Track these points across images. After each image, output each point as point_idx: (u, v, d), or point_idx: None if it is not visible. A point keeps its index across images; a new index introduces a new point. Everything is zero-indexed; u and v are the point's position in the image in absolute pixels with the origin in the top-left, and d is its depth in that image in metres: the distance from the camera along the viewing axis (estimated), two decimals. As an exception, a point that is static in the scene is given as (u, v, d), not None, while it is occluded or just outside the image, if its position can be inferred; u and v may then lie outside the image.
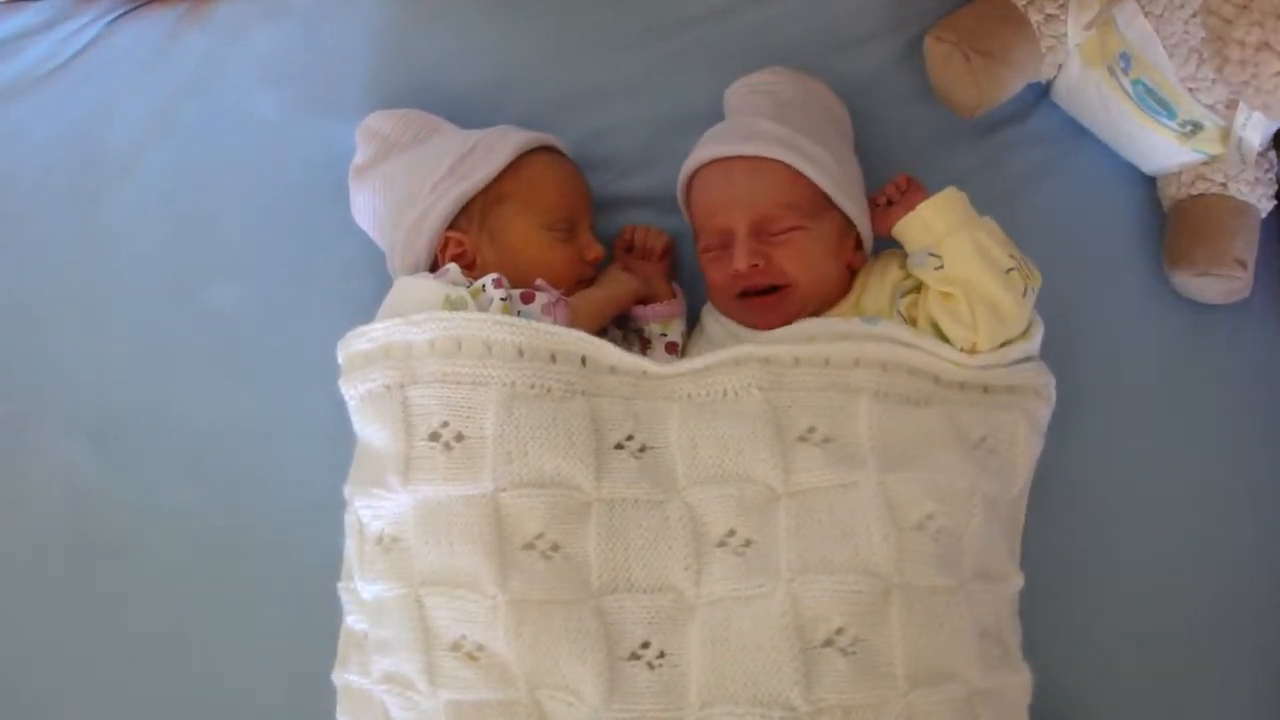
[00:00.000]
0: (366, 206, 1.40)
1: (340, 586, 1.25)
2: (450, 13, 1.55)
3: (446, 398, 1.15)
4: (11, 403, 1.52)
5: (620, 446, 1.17)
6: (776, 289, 1.28)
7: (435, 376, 1.16)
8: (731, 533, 1.15)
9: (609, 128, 1.50)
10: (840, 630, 1.11)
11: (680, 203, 1.39)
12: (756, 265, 1.26)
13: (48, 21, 1.63)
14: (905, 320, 1.27)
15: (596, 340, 1.20)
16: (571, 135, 1.44)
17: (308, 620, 1.32)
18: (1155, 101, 1.34)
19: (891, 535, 1.13)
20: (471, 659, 1.12)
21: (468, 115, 1.44)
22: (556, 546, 1.13)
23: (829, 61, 1.47)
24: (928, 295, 1.25)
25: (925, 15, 1.47)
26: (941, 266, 1.23)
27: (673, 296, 1.40)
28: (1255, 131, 1.31)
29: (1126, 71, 1.34)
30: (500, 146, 1.33)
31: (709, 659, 1.11)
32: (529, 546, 1.13)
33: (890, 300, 1.29)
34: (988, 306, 1.21)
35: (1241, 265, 1.37)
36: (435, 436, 1.15)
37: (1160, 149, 1.39)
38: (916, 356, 1.22)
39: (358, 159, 1.42)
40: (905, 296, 1.29)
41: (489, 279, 1.21)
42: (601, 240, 1.38)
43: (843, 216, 1.31)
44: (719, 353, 1.21)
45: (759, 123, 1.32)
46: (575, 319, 1.22)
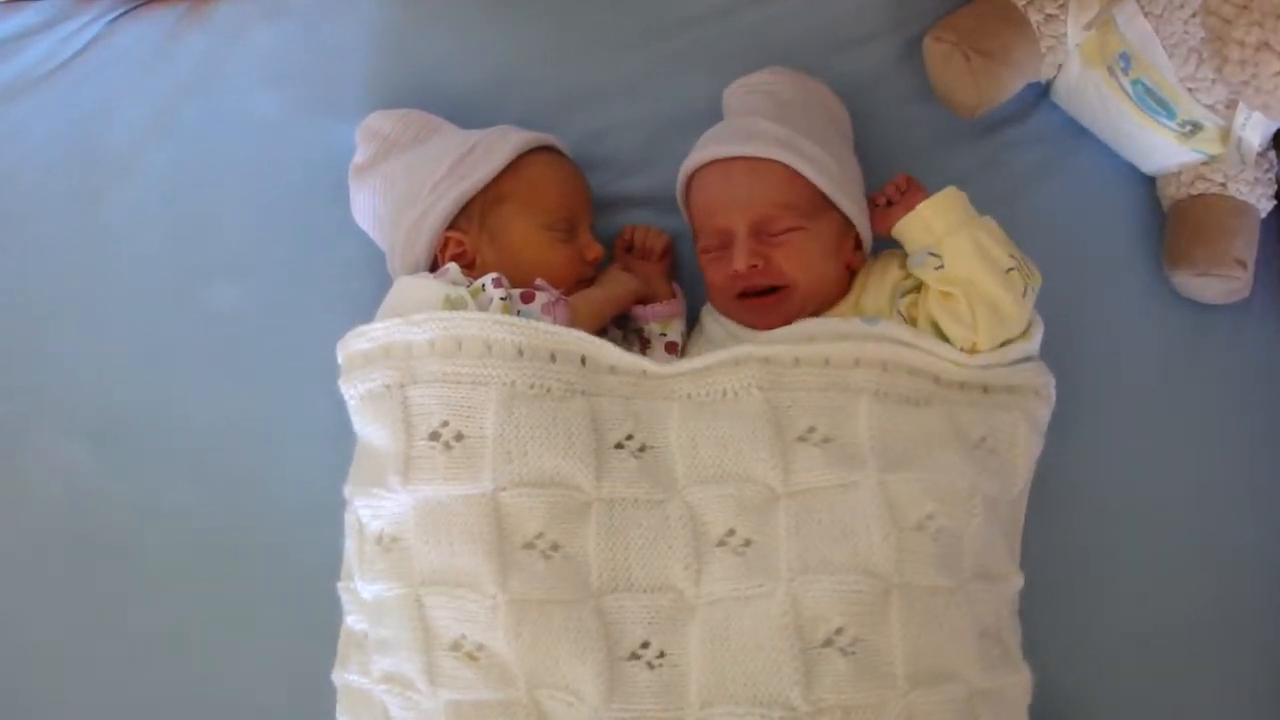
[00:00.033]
0: (366, 206, 1.40)
1: (340, 586, 1.25)
2: (450, 13, 1.55)
3: (446, 397, 1.15)
4: (11, 403, 1.52)
5: (620, 446, 1.17)
6: (776, 289, 1.28)
7: (435, 376, 1.16)
8: (731, 532, 1.15)
9: (609, 128, 1.50)
10: (840, 630, 1.11)
11: (679, 203, 1.39)
12: (756, 266, 1.26)
13: (48, 21, 1.63)
14: (905, 320, 1.26)
15: (596, 340, 1.20)
16: (571, 135, 1.44)
17: (308, 620, 1.32)
18: (1155, 101, 1.34)
19: (891, 535, 1.13)
20: (471, 659, 1.12)
21: (468, 115, 1.44)
22: (556, 546, 1.13)
23: (829, 61, 1.47)
24: (928, 295, 1.25)
25: (925, 15, 1.47)
26: (941, 266, 1.23)
27: (672, 296, 1.40)
28: (1255, 131, 1.31)
29: (1126, 71, 1.34)
30: (500, 146, 1.33)
31: (709, 659, 1.11)
32: (529, 546, 1.13)
33: (890, 300, 1.29)
34: (988, 306, 1.21)
35: (1241, 265, 1.37)
36: (435, 436, 1.15)
37: (1160, 149, 1.39)
38: (916, 356, 1.21)
39: (358, 159, 1.42)
40: (905, 296, 1.28)
41: (489, 279, 1.21)
42: (601, 240, 1.38)
43: (842, 216, 1.31)
44: (719, 353, 1.21)
45: (758, 123, 1.32)
46: (575, 319, 1.22)
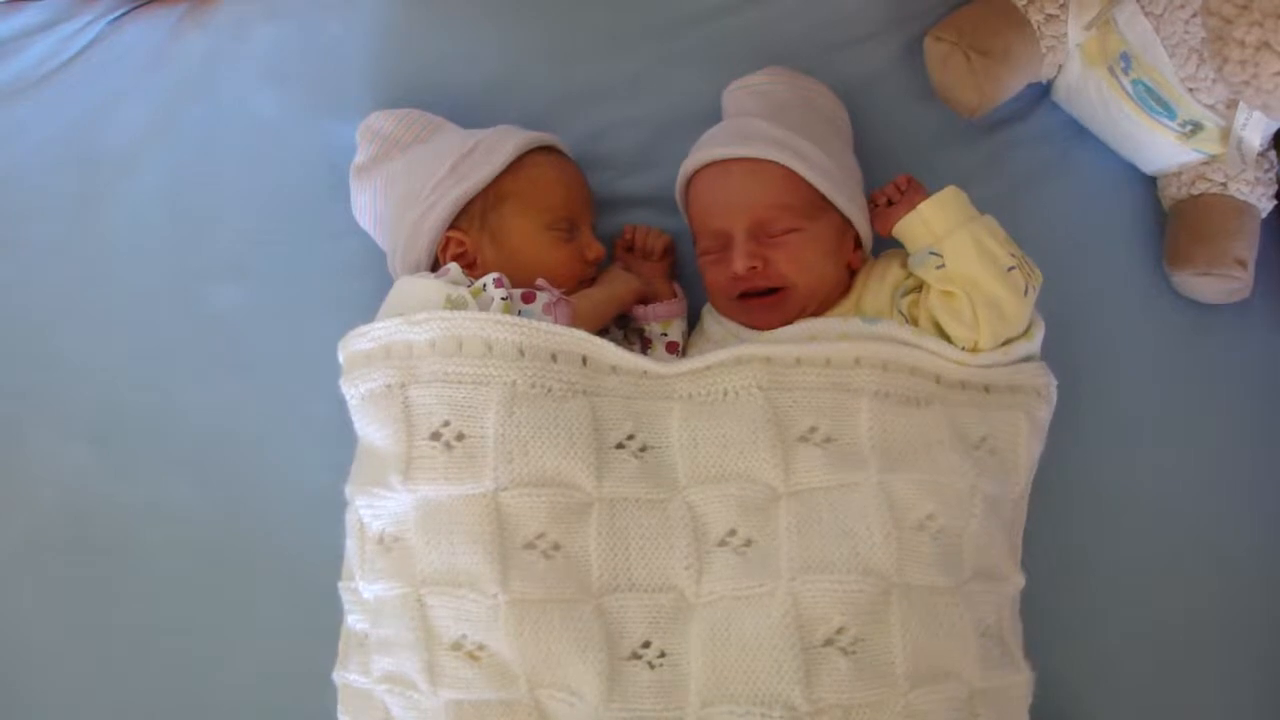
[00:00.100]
0: (367, 206, 1.40)
1: (341, 586, 1.25)
2: (450, 13, 1.54)
3: (448, 397, 1.15)
4: (11, 403, 1.52)
5: (621, 446, 1.17)
6: (775, 290, 1.28)
7: (436, 376, 1.16)
8: (732, 532, 1.15)
9: (609, 128, 1.50)
10: (841, 630, 1.11)
11: (679, 205, 1.39)
12: (755, 267, 1.26)
13: (48, 21, 1.63)
14: (906, 320, 1.26)
15: (597, 340, 1.20)
16: (571, 135, 1.44)
17: (308, 620, 1.33)
18: (1155, 101, 1.34)
19: (892, 535, 1.13)
20: (472, 658, 1.12)
21: (468, 115, 1.43)
22: (557, 546, 1.13)
23: (829, 61, 1.47)
24: (929, 294, 1.25)
25: (925, 15, 1.47)
26: (943, 265, 1.23)
27: (673, 296, 1.40)
28: (1255, 131, 1.31)
29: (1127, 71, 1.34)
30: (501, 146, 1.32)
31: (709, 658, 1.11)
32: (530, 546, 1.13)
33: (891, 300, 1.29)
34: (989, 305, 1.21)
35: (1241, 265, 1.37)
36: (436, 436, 1.15)
37: (1160, 149, 1.39)
38: (918, 356, 1.21)
39: (358, 158, 1.41)
40: (906, 296, 1.28)
41: (490, 278, 1.21)
42: (602, 240, 1.38)
43: (841, 217, 1.31)
44: (720, 352, 1.21)
45: (755, 124, 1.32)
46: (576, 319, 1.22)
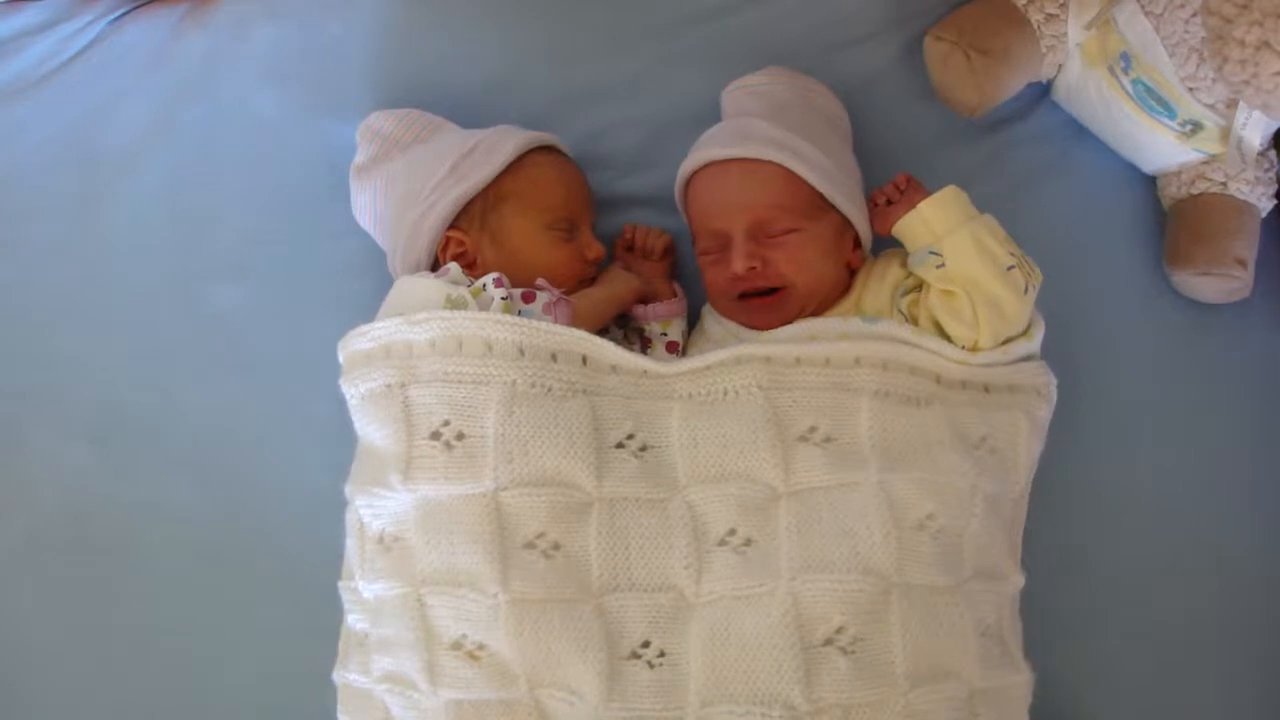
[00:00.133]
0: (367, 206, 1.40)
1: (341, 586, 1.25)
2: (450, 13, 1.54)
3: (448, 397, 1.15)
4: (11, 403, 1.52)
5: (621, 446, 1.17)
6: (775, 290, 1.28)
7: (436, 375, 1.16)
8: (732, 532, 1.15)
9: (609, 128, 1.50)
10: (840, 629, 1.11)
11: (678, 205, 1.39)
12: (754, 268, 1.27)
13: (48, 21, 1.63)
14: (906, 319, 1.26)
15: (597, 339, 1.20)
16: (571, 135, 1.44)
17: (308, 619, 1.33)
18: (1155, 101, 1.34)
19: (892, 535, 1.13)
20: (472, 658, 1.12)
21: (468, 115, 1.43)
22: (557, 545, 1.13)
23: (829, 61, 1.47)
24: (929, 293, 1.25)
25: (925, 14, 1.47)
26: (943, 264, 1.23)
27: (674, 296, 1.40)
28: (1255, 131, 1.31)
29: (1127, 71, 1.34)
30: (501, 146, 1.32)
31: (709, 658, 1.11)
32: (530, 545, 1.13)
33: (891, 299, 1.29)
34: (989, 304, 1.21)
35: (1241, 264, 1.37)
36: (436, 435, 1.15)
37: (1160, 148, 1.39)
38: (918, 355, 1.21)
39: (358, 158, 1.41)
40: (906, 295, 1.28)
41: (490, 278, 1.21)
42: (602, 240, 1.38)
43: (840, 217, 1.31)
44: (720, 352, 1.21)
45: (754, 124, 1.32)
46: (576, 318, 1.22)
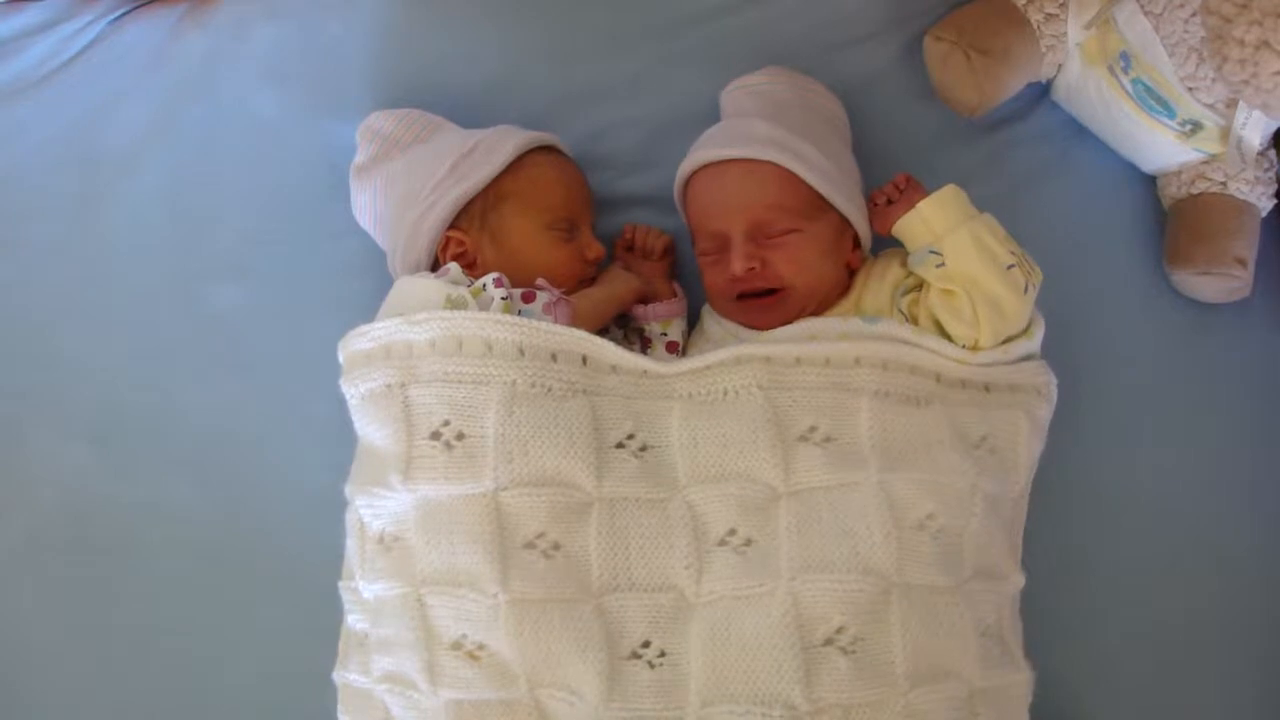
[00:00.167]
0: (367, 206, 1.40)
1: (341, 586, 1.25)
2: (450, 13, 1.54)
3: (448, 397, 1.15)
4: (11, 403, 1.52)
5: (621, 446, 1.17)
6: (774, 291, 1.28)
7: (436, 376, 1.16)
8: (732, 531, 1.15)
9: (609, 128, 1.50)
10: (841, 629, 1.11)
11: (677, 206, 1.39)
12: (753, 269, 1.26)
13: (48, 21, 1.63)
14: (906, 319, 1.26)
15: (597, 339, 1.20)
16: (571, 135, 1.44)
17: (308, 619, 1.33)
18: (1155, 100, 1.34)
19: (892, 535, 1.13)
20: (472, 658, 1.12)
21: (468, 115, 1.43)
22: (557, 545, 1.13)
23: (829, 61, 1.47)
24: (929, 293, 1.25)
25: (925, 14, 1.47)
26: (943, 264, 1.23)
27: (673, 296, 1.40)
28: (1255, 130, 1.31)
29: (1126, 71, 1.34)
30: (501, 146, 1.32)
31: (709, 658, 1.11)
32: (530, 545, 1.13)
33: (891, 299, 1.29)
34: (989, 303, 1.21)
35: (1241, 264, 1.37)
36: (436, 435, 1.15)
37: (1160, 148, 1.39)
38: (918, 355, 1.21)
39: (358, 158, 1.41)
40: (906, 295, 1.28)
41: (490, 278, 1.21)
42: (602, 240, 1.38)
43: (839, 217, 1.31)
44: (720, 352, 1.21)
45: (753, 124, 1.32)
46: (576, 318, 1.22)
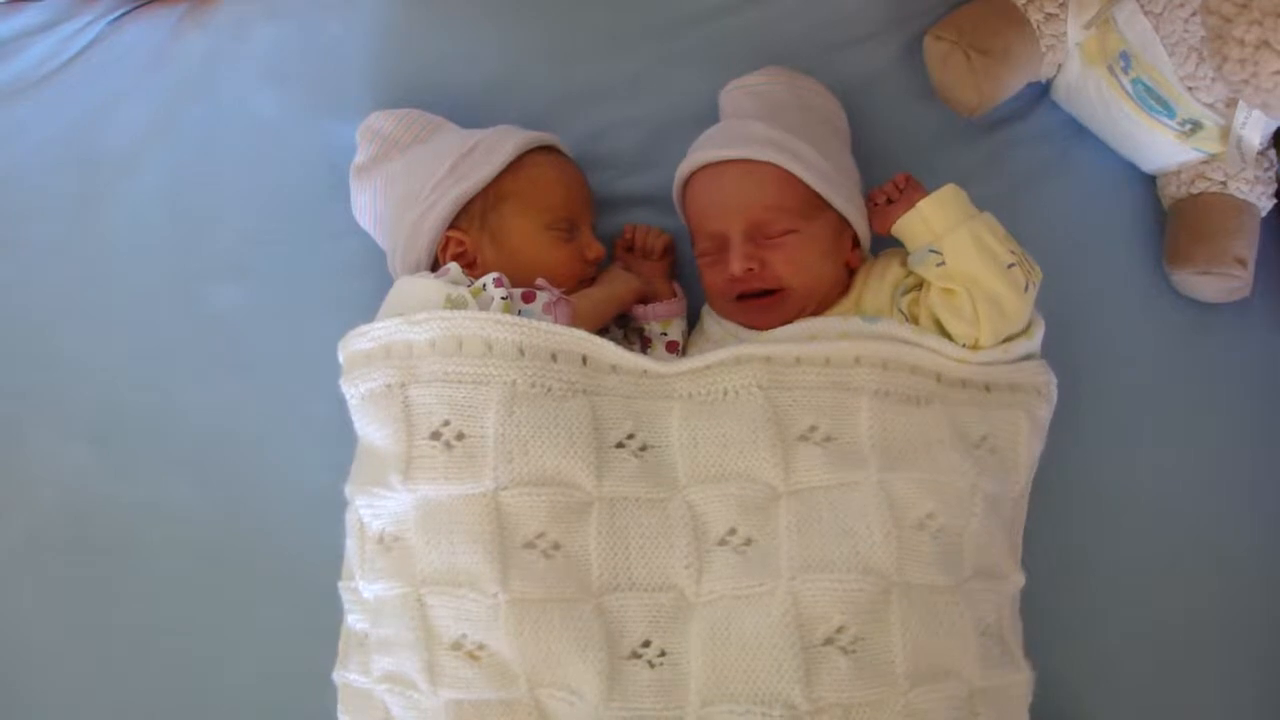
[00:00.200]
0: (367, 206, 1.40)
1: (341, 585, 1.25)
2: (450, 13, 1.54)
3: (448, 397, 1.15)
4: (11, 403, 1.52)
5: (621, 445, 1.17)
6: (773, 292, 1.28)
7: (436, 375, 1.16)
8: (732, 531, 1.15)
9: (609, 128, 1.50)
10: (841, 629, 1.11)
11: (676, 206, 1.39)
12: (752, 269, 1.27)
13: (48, 21, 1.64)
14: (906, 318, 1.26)
15: (597, 339, 1.20)
16: (571, 135, 1.44)
17: (308, 619, 1.32)
18: (1155, 100, 1.34)
19: (892, 534, 1.13)
20: (472, 658, 1.12)
21: (468, 115, 1.43)
22: (557, 545, 1.13)
23: (829, 61, 1.47)
24: (929, 292, 1.25)
25: (925, 14, 1.47)
26: (943, 263, 1.23)
27: (673, 296, 1.40)
28: (1255, 130, 1.31)
29: (1126, 70, 1.34)
30: (501, 146, 1.32)
31: (710, 657, 1.11)
32: (530, 545, 1.13)
33: (891, 298, 1.29)
34: (990, 301, 1.21)
35: (1241, 264, 1.37)
36: (436, 435, 1.15)
37: (1160, 148, 1.39)
38: (918, 354, 1.21)
39: (358, 158, 1.41)
40: (906, 294, 1.28)
41: (490, 278, 1.21)
42: (602, 240, 1.38)
43: (838, 217, 1.31)
44: (720, 351, 1.21)
45: (750, 125, 1.32)
46: (576, 318, 1.22)
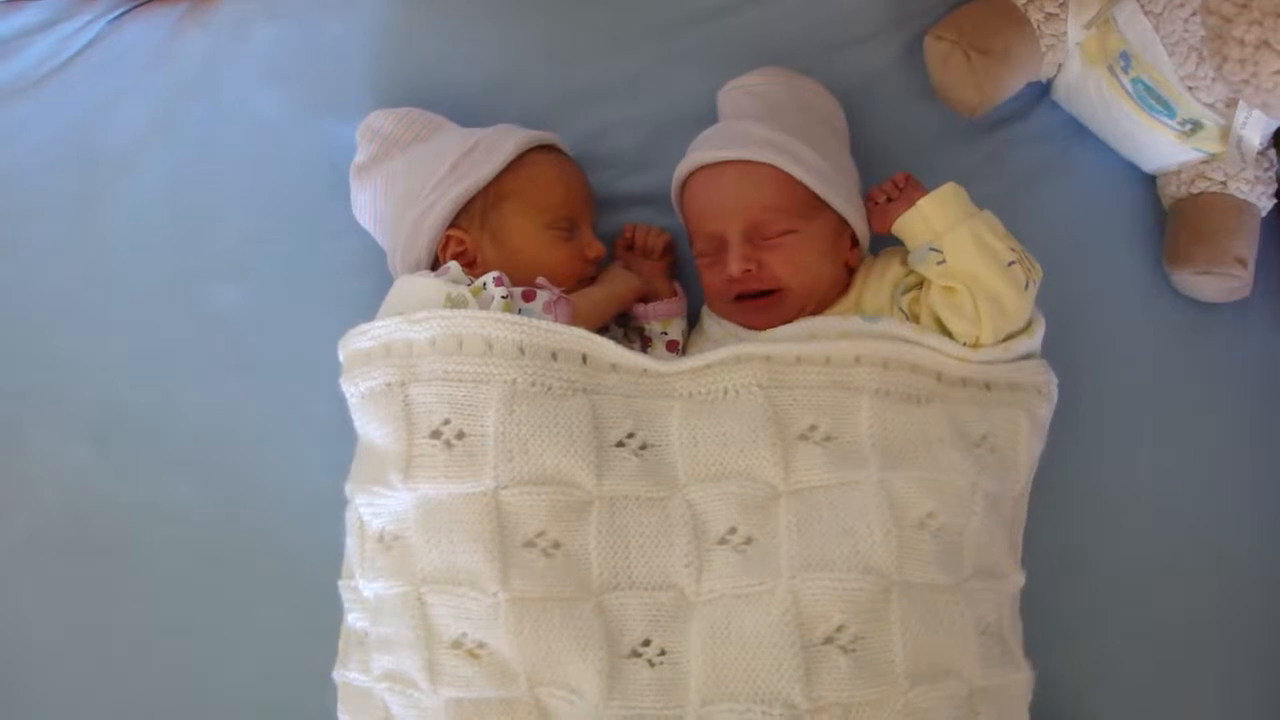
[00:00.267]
0: (367, 205, 1.40)
1: (341, 584, 1.25)
2: (450, 13, 1.54)
3: (448, 395, 1.15)
4: (11, 403, 1.52)
5: (621, 444, 1.17)
6: (771, 292, 1.28)
7: (436, 374, 1.16)
8: (733, 530, 1.15)
9: (609, 127, 1.50)
10: (841, 628, 1.11)
11: (675, 207, 1.39)
12: (750, 270, 1.27)
13: (48, 21, 1.63)
14: (907, 317, 1.26)
15: (597, 338, 1.20)
16: (571, 135, 1.44)
17: (308, 618, 1.32)
18: (1155, 100, 1.34)
19: (892, 533, 1.13)
20: (472, 657, 1.12)
21: (468, 115, 1.44)
22: (557, 544, 1.13)
23: (829, 61, 1.47)
24: (929, 291, 1.25)
25: (925, 14, 1.47)
26: (943, 261, 1.23)
27: (674, 295, 1.40)
28: (1255, 130, 1.31)
29: (1126, 70, 1.34)
30: (501, 145, 1.32)
31: (709, 656, 1.11)
32: (530, 544, 1.13)
33: (891, 297, 1.29)
34: (990, 299, 1.21)
35: (1241, 264, 1.37)
36: (437, 434, 1.15)
37: (1160, 147, 1.39)
38: (919, 353, 1.21)
39: (359, 158, 1.41)
40: (906, 293, 1.28)
41: (490, 277, 1.21)
42: (602, 239, 1.38)
43: (837, 217, 1.31)
44: (720, 351, 1.21)
45: (748, 126, 1.32)
46: (576, 317, 1.22)
